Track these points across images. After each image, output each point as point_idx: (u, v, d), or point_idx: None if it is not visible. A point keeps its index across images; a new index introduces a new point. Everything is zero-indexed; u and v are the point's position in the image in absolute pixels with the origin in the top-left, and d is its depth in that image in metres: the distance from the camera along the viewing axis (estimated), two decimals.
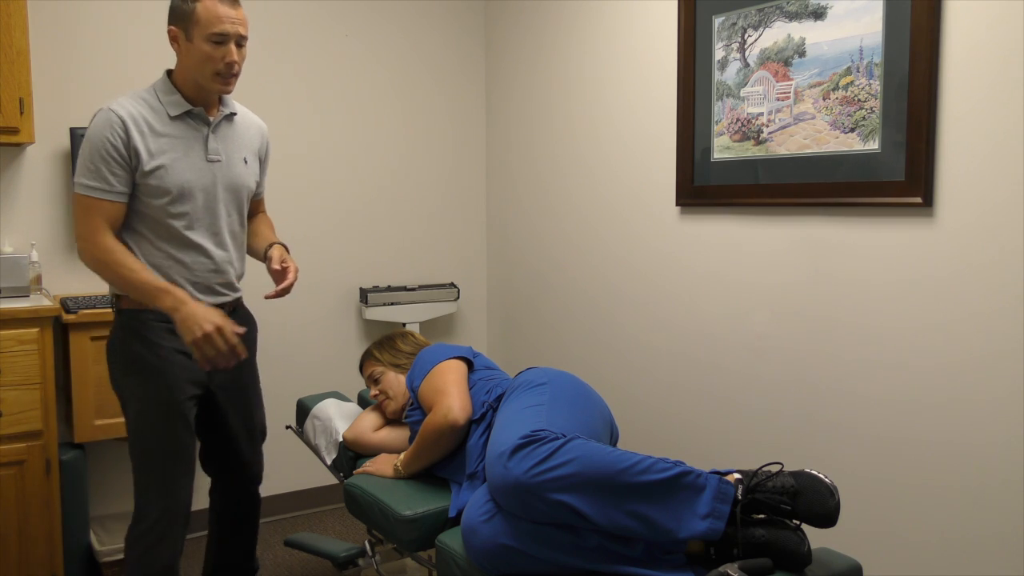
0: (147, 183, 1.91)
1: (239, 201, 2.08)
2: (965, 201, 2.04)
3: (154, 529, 1.97)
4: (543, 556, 1.64)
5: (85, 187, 1.87)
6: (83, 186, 1.87)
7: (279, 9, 3.27)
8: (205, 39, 1.86)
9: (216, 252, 2.02)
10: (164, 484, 1.97)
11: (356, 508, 2.22)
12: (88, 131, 1.89)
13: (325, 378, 3.31)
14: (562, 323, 3.40)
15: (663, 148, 2.85)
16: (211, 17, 1.85)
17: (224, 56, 1.89)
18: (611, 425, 2.12)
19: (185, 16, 1.87)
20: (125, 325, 1.97)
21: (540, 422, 1.77)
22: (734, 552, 1.60)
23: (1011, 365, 1.97)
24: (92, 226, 1.86)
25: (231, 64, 1.91)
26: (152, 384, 1.94)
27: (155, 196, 1.92)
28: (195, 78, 1.93)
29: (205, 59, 1.89)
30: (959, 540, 2.08)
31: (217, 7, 1.86)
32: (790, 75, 2.40)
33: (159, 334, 1.94)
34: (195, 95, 1.97)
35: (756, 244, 2.55)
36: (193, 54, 1.89)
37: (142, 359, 1.94)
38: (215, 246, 2.02)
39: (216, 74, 1.91)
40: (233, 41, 1.89)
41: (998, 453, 2.00)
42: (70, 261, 2.93)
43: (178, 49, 1.93)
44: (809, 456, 2.41)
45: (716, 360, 2.71)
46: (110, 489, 3.03)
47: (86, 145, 1.87)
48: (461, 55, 3.74)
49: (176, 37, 1.91)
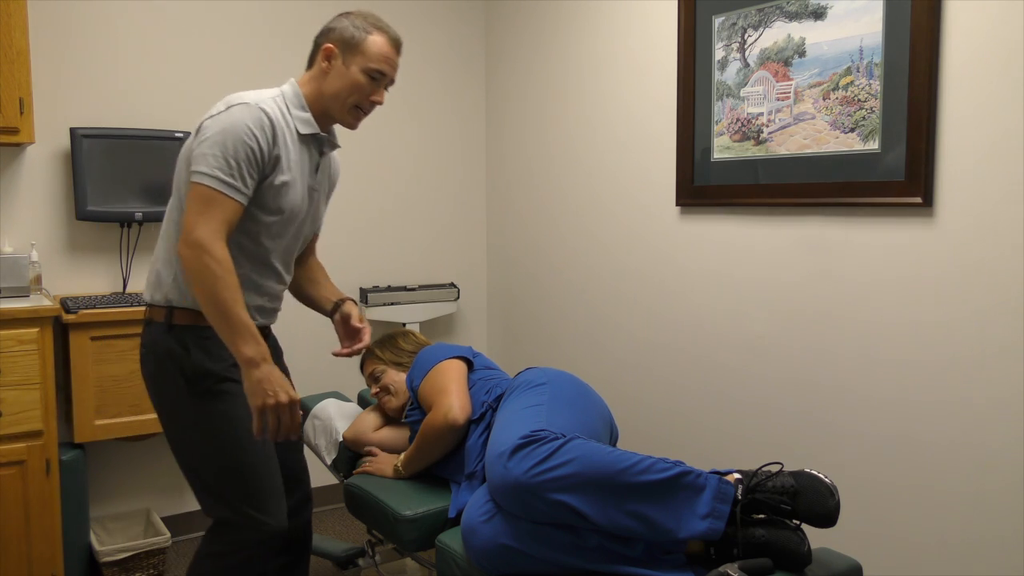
0: (269, 196, 1.77)
1: (307, 236, 2.00)
2: (965, 201, 2.04)
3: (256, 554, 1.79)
4: (543, 556, 1.64)
5: (219, 181, 1.67)
6: (217, 180, 1.66)
7: (279, 9, 3.27)
8: (363, 70, 1.81)
9: (285, 278, 1.94)
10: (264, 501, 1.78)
11: (356, 508, 2.22)
12: (226, 121, 1.71)
13: (325, 378, 3.31)
14: (562, 323, 3.40)
15: (663, 148, 2.86)
16: (378, 53, 1.82)
17: (371, 93, 1.85)
18: (611, 425, 2.12)
19: (351, 41, 1.82)
20: (182, 341, 1.77)
21: (540, 422, 1.77)
22: (734, 552, 1.60)
23: (1011, 365, 1.97)
24: (214, 227, 1.65)
25: (375, 104, 1.86)
26: (230, 399, 1.77)
27: (269, 212, 1.79)
28: (329, 102, 1.85)
29: (354, 88, 1.82)
30: (959, 540, 2.08)
31: (386, 46, 1.83)
32: (790, 75, 2.40)
33: (221, 346, 1.72)
34: (319, 119, 1.88)
35: (756, 244, 2.55)
36: (344, 79, 1.82)
37: (213, 375, 1.76)
38: (286, 273, 1.93)
39: (356, 107, 1.85)
40: (385, 84, 1.87)
41: (998, 452, 2.00)
42: (70, 261, 2.93)
43: (327, 68, 1.84)
44: (809, 455, 2.42)
45: (716, 359, 2.71)
46: (110, 489, 3.03)
47: (223, 136, 1.68)
48: (461, 55, 3.74)
49: (331, 56, 1.83)
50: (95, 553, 2.72)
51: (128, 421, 2.69)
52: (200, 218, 1.65)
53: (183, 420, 1.79)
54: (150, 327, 1.82)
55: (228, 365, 1.75)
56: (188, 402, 1.76)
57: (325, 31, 1.87)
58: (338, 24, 1.85)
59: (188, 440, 1.81)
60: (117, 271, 3.00)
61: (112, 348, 2.65)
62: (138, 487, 3.09)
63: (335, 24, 1.86)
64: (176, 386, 1.77)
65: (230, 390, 1.76)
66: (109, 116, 2.95)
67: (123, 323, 2.65)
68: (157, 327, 1.79)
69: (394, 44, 1.85)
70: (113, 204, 2.84)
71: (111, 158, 2.83)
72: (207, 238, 1.63)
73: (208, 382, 1.76)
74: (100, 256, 2.98)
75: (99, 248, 2.97)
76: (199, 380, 1.76)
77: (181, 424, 1.80)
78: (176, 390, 1.77)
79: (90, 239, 2.95)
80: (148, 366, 1.82)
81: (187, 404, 1.77)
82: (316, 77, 1.86)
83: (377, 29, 1.83)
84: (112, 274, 3.00)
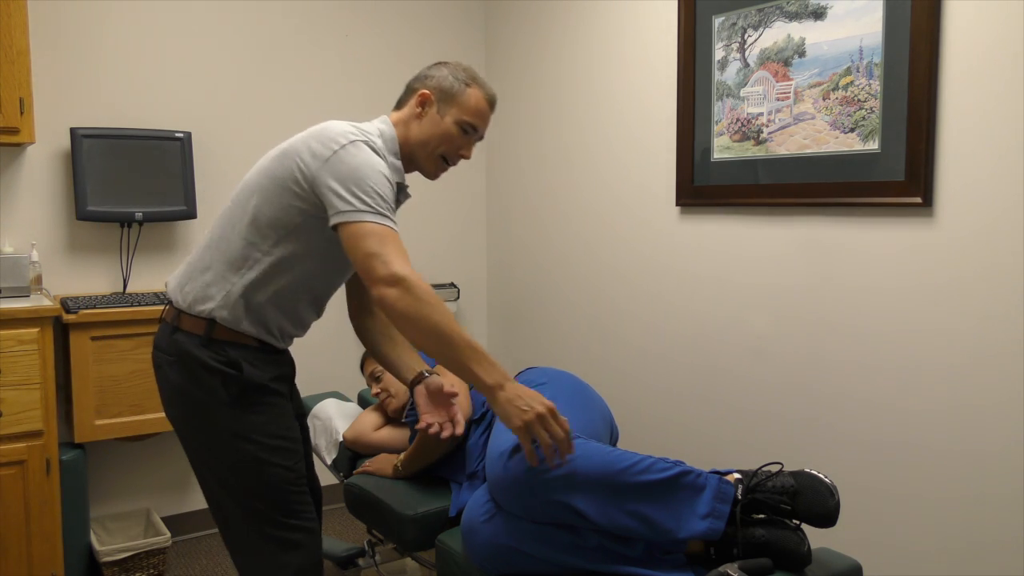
0: None
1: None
2: (965, 201, 2.04)
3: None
4: (543, 556, 1.64)
5: (384, 216, 1.57)
6: (381, 215, 1.56)
7: (279, 9, 3.27)
8: (457, 122, 1.77)
9: (321, 314, 1.86)
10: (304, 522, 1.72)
11: (356, 508, 2.22)
12: (355, 158, 1.59)
13: (325, 378, 3.31)
14: (562, 323, 3.40)
15: (663, 148, 2.86)
16: (476, 107, 1.78)
17: (461, 147, 1.79)
18: (611, 425, 2.12)
19: (449, 91, 1.77)
20: (224, 355, 1.66)
21: None
22: (734, 552, 1.60)
23: (1011, 365, 1.97)
24: (404, 259, 1.55)
25: (462, 158, 1.81)
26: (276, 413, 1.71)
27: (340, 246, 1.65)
28: (416, 148, 1.78)
29: (445, 138, 1.77)
30: (959, 541, 2.08)
31: (483, 101, 1.80)
32: (790, 75, 2.40)
33: (265, 360, 1.70)
34: (403, 165, 1.80)
35: (756, 244, 2.55)
36: (436, 127, 1.77)
37: (263, 387, 1.69)
38: (323, 309, 1.86)
39: (442, 158, 1.79)
40: (475, 139, 1.82)
41: (998, 453, 2.00)
42: (70, 261, 2.93)
43: (420, 114, 1.78)
44: (808, 455, 2.42)
45: (715, 359, 2.71)
46: (110, 489, 3.03)
47: (365, 171, 1.58)
48: (461, 55, 3.74)
49: (426, 103, 1.78)
50: (95, 553, 2.72)
51: (128, 421, 2.69)
52: (386, 253, 1.53)
53: (218, 429, 1.68)
54: (178, 335, 1.69)
55: (272, 377, 1.71)
56: (227, 411, 1.66)
57: (422, 76, 1.83)
58: (437, 72, 1.81)
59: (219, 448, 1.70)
60: (117, 271, 3.00)
61: (112, 348, 2.65)
62: (138, 487, 3.09)
63: (434, 71, 1.81)
64: (213, 395, 1.66)
65: (269, 401, 1.70)
66: (109, 116, 2.95)
67: (123, 323, 2.65)
68: (189, 338, 1.67)
69: (490, 101, 1.81)
70: (113, 204, 2.84)
71: (111, 158, 2.83)
72: (407, 272, 1.52)
73: (252, 395, 1.67)
74: (100, 256, 2.98)
75: (99, 248, 2.97)
76: (243, 392, 1.66)
77: (214, 433, 1.69)
78: (212, 399, 1.66)
79: (90, 239, 2.95)
80: (173, 374, 1.70)
81: (225, 413, 1.67)
82: (406, 121, 1.80)
83: (476, 83, 1.79)
84: (112, 274, 3.00)
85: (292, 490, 1.70)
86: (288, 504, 1.69)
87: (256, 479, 1.67)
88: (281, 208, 1.63)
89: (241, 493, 1.69)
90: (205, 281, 1.68)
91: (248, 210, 1.66)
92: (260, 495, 1.68)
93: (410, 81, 1.85)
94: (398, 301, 1.50)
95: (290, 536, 1.69)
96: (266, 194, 1.64)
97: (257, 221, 1.64)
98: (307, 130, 1.69)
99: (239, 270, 1.65)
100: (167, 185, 2.94)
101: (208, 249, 1.71)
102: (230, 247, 1.67)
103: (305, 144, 1.64)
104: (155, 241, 3.06)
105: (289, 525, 1.69)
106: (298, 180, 1.61)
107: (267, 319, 1.69)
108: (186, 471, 3.16)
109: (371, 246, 1.53)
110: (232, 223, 1.68)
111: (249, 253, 1.65)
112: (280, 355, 1.77)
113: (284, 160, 1.64)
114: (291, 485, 1.70)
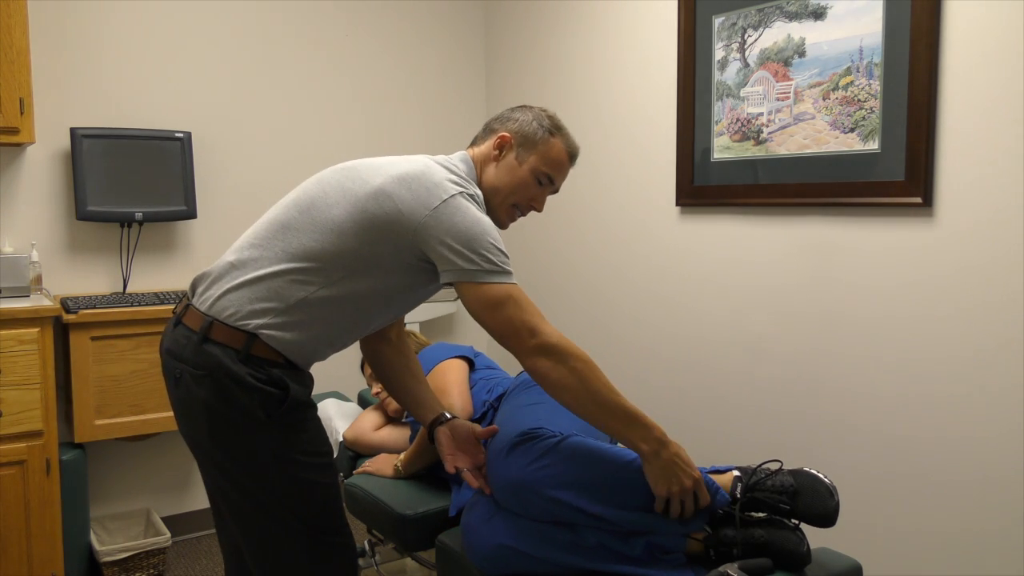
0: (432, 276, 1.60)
1: None
2: (965, 201, 2.04)
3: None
4: (543, 555, 1.64)
5: (504, 272, 1.52)
6: (510, 274, 1.53)
7: (279, 9, 3.27)
8: (534, 171, 1.69)
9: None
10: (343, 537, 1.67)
11: (356, 508, 2.22)
12: (468, 213, 1.52)
13: (325, 378, 3.31)
14: (562, 323, 3.40)
15: (663, 148, 2.86)
16: (556, 158, 1.71)
17: (534, 197, 1.72)
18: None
19: (531, 138, 1.69)
20: (264, 372, 1.54)
21: (539, 420, 1.77)
22: (734, 552, 1.60)
23: (1011, 365, 1.97)
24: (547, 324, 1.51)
25: (533, 208, 1.74)
26: (315, 428, 1.63)
27: (412, 289, 1.63)
28: (489, 193, 1.69)
29: (520, 186, 1.69)
30: (959, 540, 2.08)
31: (564, 154, 1.72)
32: (790, 75, 2.40)
33: (303, 376, 1.63)
34: None
35: (756, 244, 2.55)
36: (512, 173, 1.69)
37: (304, 405, 1.61)
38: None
39: (513, 207, 1.72)
40: (550, 191, 1.75)
41: (998, 453, 2.00)
42: (70, 261, 2.93)
43: (497, 157, 1.70)
44: (808, 455, 2.42)
45: (716, 359, 2.71)
46: (110, 489, 3.03)
47: (482, 226, 1.52)
48: (461, 55, 3.74)
49: (506, 146, 1.70)
50: (95, 553, 2.72)
51: (128, 421, 2.70)
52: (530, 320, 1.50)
53: (255, 449, 1.56)
54: (210, 346, 1.54)
55: (311, 393, 1.64)
56: (267, 432, 1.55)
57: (504, 118, 1.74)
58: (522, 116, 1.72)
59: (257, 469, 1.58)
60: (117, 271, 3.00)
61: (112, 348, 2.65)
62: (138, 487, 3.09)
63: (518, 115, 1.73)
64: (250, 416, 1.53)
65: (307, 418, 1.62)
66: (109, 116, 2.95)
67: (123, 323, 2.65)
68: (224, 351, 1.53)
69: (571, 154, 1.74)
70: (113, 204, 2.84)
71: (111, 158, 2.84)
72: (558, 339, 1.50)
73: (293, 415, 1.58)
74: (100, 256, 2.98)
75: (99, 248, 2.97)
76: (286, 412, 1.56)
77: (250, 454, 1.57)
78: (249, 420, 1.54)
79: (90, 239, 2.95)
80: (203, 391, 1.54)
81: (265, 434, 1.55)
82: (482, 162, 1.72)
83: (560, 134, 1.71)
84: (112, 274, 3.00)
85: (335, 505, 1.65)
86: (330, 520, 1.63)
87: (298, 498, 1.58)
88: (367, 244, 1.54)
89: (281, 512, 1.58)
90: (255, 292, 1.55)
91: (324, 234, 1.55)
92: (302, 514, 1.59)
93: (489, 121, 1.77)
94: (551, 372, 1.50)
95: (330, 551, 1.64)
96: (356, 227, 1.54)
97: (334, 249, 1.55)
98: (393, 165, 1.59)
99: (297, 292, 1.54)
100: (167, 185, 2.94)
101: (258, 262, 1.57)
102: (290, 266, 1.55)
103: (405, 186, 1.54)
104: (155, 241, 3.06)
105: (327, 542, 1.63)
106: (399, 222, 1.52)
107: (312, 345, 1.60)
108: (186, 471, 3.16)
109: (511, 312, 1.50)
110: (299, 240, 1.56)
111: (312, 279, 1.54)
112: (306, 374, 1.68)
113: (379, 199, 1.54)
114: (334, 500, 1.65)
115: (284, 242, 1.57)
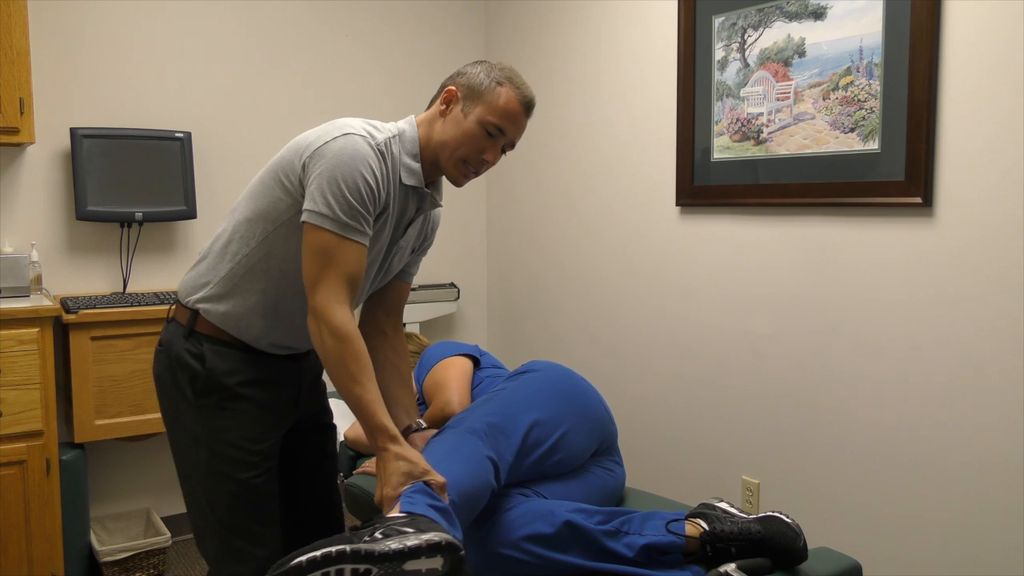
0: None
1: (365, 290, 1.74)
2: (965, 201, 2.04)
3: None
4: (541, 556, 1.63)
5: (341, 224, 1.46)
6: (337, 221, 1.46)
7: (279, 9, 3.27)
8: (480, 122, 1.59)
9: None
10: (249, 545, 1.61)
11: (356, 508, 2.22)
12: (335, 152, 1.49)
13: (325, 378, 3.31)
14: (562, 323, 3.40)
15: (663, 148, 2.85)
16: (504, 107, 1.60)
17: (484, 150, 1.61)
18: (604, 420, 2.04)
19: (477, 88, 1.61)
20: (198, 348, 1.58)
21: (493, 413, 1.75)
22: (731, 551, 1.61)
23: (1011, 364, 1.97)
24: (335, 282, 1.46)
25: (484, 163, 1.63)
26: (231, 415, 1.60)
27: None
28: (437, 149, 1.62)
29: (466, 139, 1.60)
30: (959, 540, 2.08)
31: (514, 102, 1.61)
32: (790, 75, 2.40)
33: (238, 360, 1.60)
34: (428, 170, 1.65)
35: (756, 244, 2.55)
36: (458, 127, 1.60)
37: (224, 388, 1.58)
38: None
39: (462, 161, 1.61)
40: (502, 144, 1.64)
41: (998, 453, 2.00)
42: (70, 261, 2.93)
43: (443, 111, 1.63)
44: (808, 455, 2.41)
45: (716, 358, 2.71)
46: (110, 489, 3.03)
47: (338, 170, 1.47)
48: (461, 55, 3.74)
49: (452, 100, 1.63)
50: (95, 553, 2.72)
51: (128, 421, 2.70)
52: (321, 278, 1.46)
53: (182, 427, 1.63)
54: (170, 325, 1.65)
55: (241, 380, 1.60)
56: (191, 411, 1.60)
57: (454, 74, 1.67)
58: (470, 69, 1.65)
59: (183, 447, 1.65)
60: (117, 271, 3.00)
61: (112, 348, 2.65)
62: (138, 487, 3.09)
63: (468, 68, 1.66)
64: (182, 392, 1.60)
65: (235, 407, 1.59)
66: (109, 116, 2.95)
67: (123, 323, 2.66)
68: (176, 328, 1.62)
69: (524, 104, 1.63)
70: (113, 204, 2.84)
71: (111, 158, 2.84)
72: (329, 298, 1.45)
73: (216, 396, 1.58)
74: (100, 256, 2.98)
75: (99, 248, 2.97)
76: (208, 392, 1.58)
77: (180, 430, 1.64)
78: (180, 396, 1.60)
79: (90, 239, 2.96)
80: (157, 364, 1.66)
81: (189, 413, 1.60)
82: (430, 120, 1.65)
83: (509, 82, 1.62)
84: (112, 274, 3.00)
85: (250, 508, 1.59)
86: (242, 521, 1.59)
87: (209, 487, 1.59)
88: (270, 196, 1.55)
89: (199, 498, 1.62)
90: (199, 270, 1.64)
91: (243, 202, 1.61)
92: (214, 506, 1.59)
93: (444, 80, 1.70)
94: (315, 339, 1.48)
95: (239, 555, 1.59)
96: (261, 185, 1.58)
97: (249, 213, 1.58)
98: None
99: (226, 264, 1.59)
100: (167, 185, 2.94)
101: (212, 241, 1.65)
102: (223, 241, 1.61)
103: (314, 130, 1.58)
104: (155, 241, 3.06)
105: (236, 545, 1.59)
106: (296, 152, 1.55)
107: (248, 317, 1.59)
108: None
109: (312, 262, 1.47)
110: (233, 217, 1.62)
111: (237, 248, 1.57)
112: (266, 359, 1.64)
113: (286, 148, 1.58)
114: (249, 502, 1.59)
115: (226, 223, 1.64)
